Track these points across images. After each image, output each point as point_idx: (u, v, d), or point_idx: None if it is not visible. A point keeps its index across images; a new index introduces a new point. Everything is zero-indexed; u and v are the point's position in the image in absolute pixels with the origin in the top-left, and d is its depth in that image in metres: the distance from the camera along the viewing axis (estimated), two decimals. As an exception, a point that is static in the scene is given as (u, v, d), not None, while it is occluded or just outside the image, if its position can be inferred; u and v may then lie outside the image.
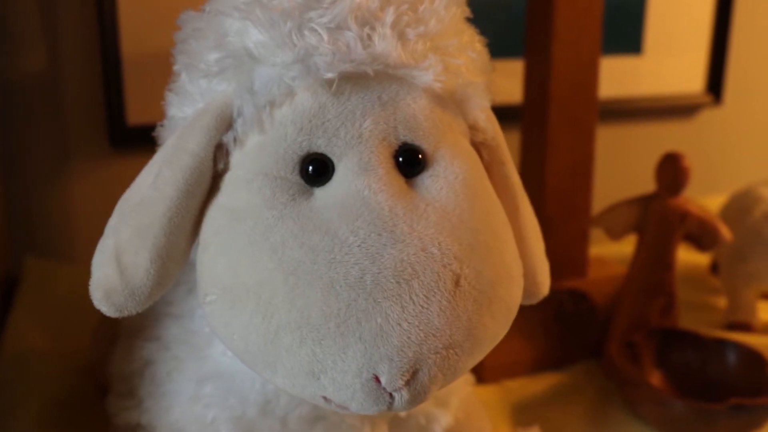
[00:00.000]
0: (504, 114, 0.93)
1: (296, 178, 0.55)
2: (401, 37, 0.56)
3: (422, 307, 0.50)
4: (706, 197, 1.50)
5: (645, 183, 1.49)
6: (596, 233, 1.16)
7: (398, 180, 0.54)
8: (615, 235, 1.04)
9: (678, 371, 0.95)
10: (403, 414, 0.69)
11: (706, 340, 1.00)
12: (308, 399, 0.54)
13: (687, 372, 0.99)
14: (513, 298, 0.55)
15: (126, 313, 0.56)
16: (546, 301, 1.02)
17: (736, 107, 1.51)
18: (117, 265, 0.55)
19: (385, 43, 0.54)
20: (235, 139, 0.56)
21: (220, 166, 0.57)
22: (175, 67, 0.61)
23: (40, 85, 1.12)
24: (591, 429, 0.93)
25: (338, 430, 0.67)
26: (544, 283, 0.64)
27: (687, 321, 1.17)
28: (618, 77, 1.44)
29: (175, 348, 0.69)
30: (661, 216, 1.01)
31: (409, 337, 0.49)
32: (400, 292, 0.50)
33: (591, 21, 0.99)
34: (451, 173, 0.55)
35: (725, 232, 1.02)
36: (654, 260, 1.02)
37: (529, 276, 0.63)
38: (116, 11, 1.10)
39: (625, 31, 1.44)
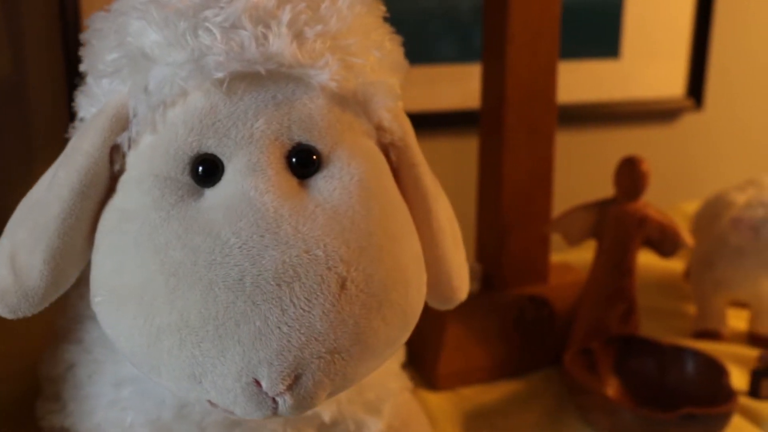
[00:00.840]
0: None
1: (186, 178, 0.54)
2: (298, 36, 0.55)
3: (303, 310, 0.49)
4: (687, 202, 1.48)
5: None
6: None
7: (289, 181, 0.53)
8: (572, 240, 1.02)
9: (636, 379, 0.93)
10: (327, 419, 0.68)
11: (665, 348, 0.98)
12: (195, 403, 0.53)
13: (645, 380, 0.96)
14: (409, 302, 0.54)
15: (20, 315, 0.55)
16: (505, 307, 1.02)
17: (717, 111, 1.49)
18: (11, 266, 0.55)
19: (279, 42, 0.54)
20: (129, 140, 0.56)
21: (117, 167, 0.56)
22: (81, 68, 0.60)
23: (4, 90, 1.12)
24: (543, 437, 0.91)
25: (258, 435, 0.66)
26: (461, 288, 0.63)
27: (658, 328, 1.15)
28: (595, 81, 1.42)
29: (95, 351, 0.68)
30: (618, 221, 0.98)
31: (289, 341, 0.49)
32: (281, 294, 0.49)
33: (548, 23, 0.98)
34: (346, 174, 0.54)
35: (686, 238, 1.01)
36: (612, 266, 0.99)
37: (444, 281, 0.62)
38: (79, 15, 1.10)
39: (601, 35, 1.42)
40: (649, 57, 1.45)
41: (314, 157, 0.54)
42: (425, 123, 1.31)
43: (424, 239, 0.60)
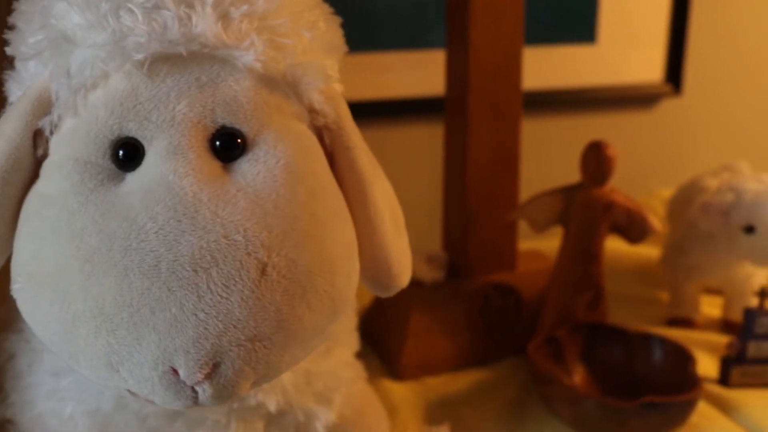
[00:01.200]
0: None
1: (107, 163, 0.52)
2: (224, 16, 0.53)
3: (221, 296, 0.47)
4: (666, 188, 1.46)
5: None
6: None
7: (211, 165, 0.52)
8: (538, 227, 1.00)
9: (603, 367, 0.91)
10: (273, 409, 0.67)
11: (633, 336, 0.96)
12: (115, 392, 0.51)
13: (612, 368, 0.91)
14: (337, 288, 0.52)
15: None
16: (471, 295, 1.01)
17: (695, 97, 1.47)
18: (-65, 254, 0.53)
19: (203, 23, 0.52)
20: (52, 124, 0.54)
21: (40, 152, 0.55)
22: (8, 51, 0.59)
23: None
24: (505, 426, 0.90)
25: (201, 426, 0.65)
26: (401, 275, 0.61)
27: (631, 315, 1.13)
28: (572, 67, 1.41)
29: (33, 340, 0.67)
30: (585, 207, 0.95)
31: (206, 328, 0.47)
32: (197, 280, 0.47)
33: (511, 5, 0.96)
34: (272, 157, 0.53)
35: (655, 223, 0.99)
36: (579, 253, 0.96)
37: (382, 267, 0.60)
38: None
39: (578, 20, 1.39)
40: (627, 42, 1.43)
41: (239, 140, 0.52)
42: (420, 108, 1.30)
43: (360, 225, 0.58)
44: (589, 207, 0.97)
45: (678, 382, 0.88)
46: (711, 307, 1.17)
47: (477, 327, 0.97)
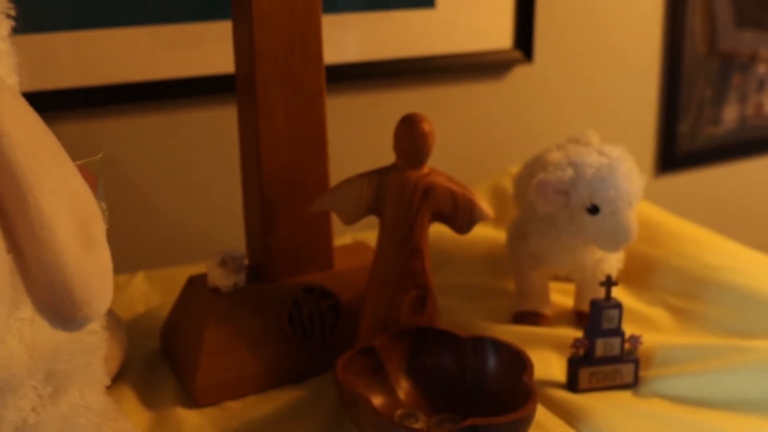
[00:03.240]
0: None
1: None
2: None
3: None
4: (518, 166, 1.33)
5: (455, 154, 1.34)
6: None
7: None
8: (347, 218, 0.85)
9: (432, 379, 0.82)
10: None
11: (464, 341, 0.83)
12: None
13: (442, 379, 0.82)
14: None
15: None
16: (277, 301, 0.85)
17: (548, 64, 1.40)
18: None
19: None
20: None
21: None
22: None
23: None
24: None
25: None
26: (90, 303, 0.45)
27: (477, 311, 1.02)
28: (411, 34, 1.26)
29: None
30: (400, 192, 0.83)
31: None
32: None
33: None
34: None
35: (484, 209, 0.85)
36: (398, 246, 0.83)
37: (58, 292, 0.44)
38: None
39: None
40: (469, 7, 1.29)
41: None
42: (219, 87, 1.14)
43: (23, 237, 0.42)
44: (404, 192, 0.83)
45: (514, 392, 0.77)
46: (566, 296, 1.05)
47: (287, 338, 0.86)
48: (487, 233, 1.16)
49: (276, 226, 0.87)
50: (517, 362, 0.79)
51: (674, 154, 1.60)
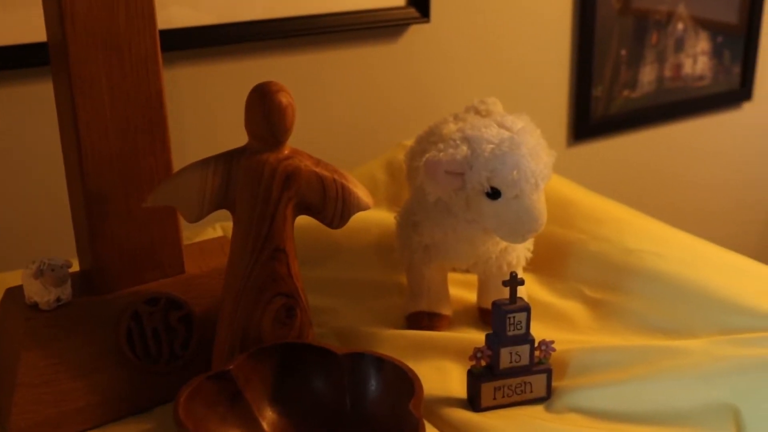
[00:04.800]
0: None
1: None
2: None
3: None
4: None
5: (345, 127, 1.25)
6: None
7: None
8: (190, 214, 0.70)
9: (303, 405, 0.70)
10: None
11: (340, 358, 0.72)
12: None
13: (315, 405, 0.71)
14: None
15: None
16: (113, 316, 0.74)
17: (446, 23, 1.30)
18: None
19: None
20: None
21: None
22: None
23: None
24: None
25: None
26: None
27: (369, 313, 0.90)
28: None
29: None
30: (255, 179, 0.69)
31: None
32: None
33: None
34: None
35: (362, 197, 0.71)
36: (256, 246, 0.70)
37: None
38: None
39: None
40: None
41: None
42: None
43: None
44: (260, 180, 0.70)
45: (400, 421, 0.65)
46: (469, 290, 0.93)
47: (126, 361, 0.74)
48: (381, 217, 1.03)
49: (106, 225, 0.71)
50: (404, 384, 0.68)
51: (588, 120, 1.52)
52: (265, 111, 0.67)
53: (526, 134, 0.74)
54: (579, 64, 1.48)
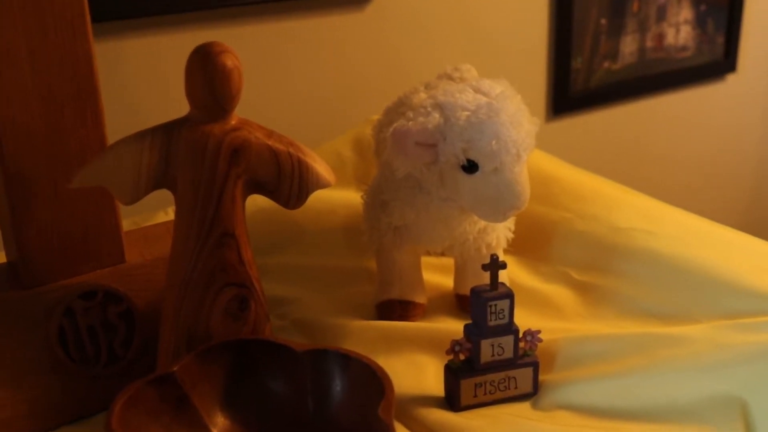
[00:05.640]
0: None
1: None
2: None
3: None
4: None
5: (310, 101, 1.19)
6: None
7: None
8: (124, 195, 0.62)
9: (259, 409, 0.64)
10: None
11: (301, 355, 0.64)
12: None
13: (274, 408, 0.64)
14: None
15: None
16: (43, 312, 0.67)
17: None
18: None
19: None
20: None
21: None
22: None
23: None
24: None
25: None
26: None
27: (338, 301, 0.83)
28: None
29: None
30: (197, 154, 0.62)
31: None
32: None
33: None
34: None
35: (322, 173, 0.65)
36: (201, 231, 0.63)
37: None
38: None
39: None
40: None
41: None
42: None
43: None
44: (203, 155, 0.62)
45: (368, 425, 0.59)
46: (445, 274, 0.87)
47: (58, 364, 0.67)
48: (348, 197, 0.98)
49: (31, 210, 0.64)
50: (372, 384, 0.61)
51: (568, 93, 1.48)
52: (208, 75, 0.60)
53: (506, 100, 0.67)
54: (557, 34, 1.43)
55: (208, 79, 0.59)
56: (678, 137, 1.66)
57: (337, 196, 0.97)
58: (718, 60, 1.66)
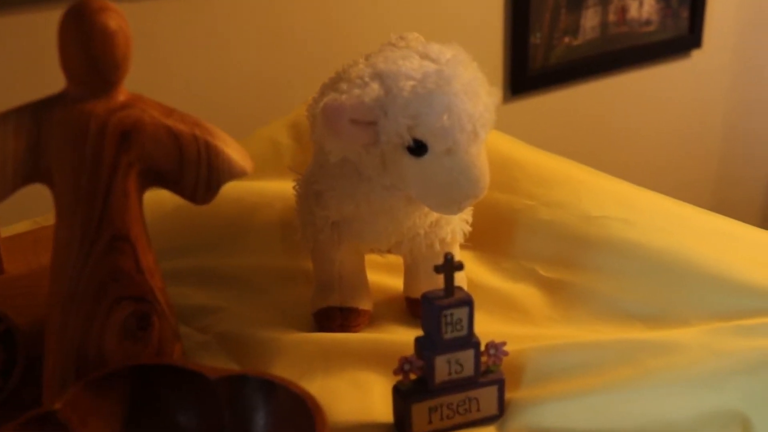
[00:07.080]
0: None
1: None
2: None
3: None
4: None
5: (245, 78, 1.13)
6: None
7: None
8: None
9: None
10: None
11: (214, 383, 0.55)
12: None
13: None
14: None
15: None
16: None
17: None
18: None
19: None
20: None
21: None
22: None
23: None
24: None
25: None
26: None
27: (265, 312, 0.74)
28: None
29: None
30: (76, 139, 0.51)
31: None
32: None
33: None
34: None
35: (236, 160, 0.56)
36: (86, 234, 0.53)
37: None
38: None
39: None
40: None
41: None
42: None
43: None
44: (84, 139, 0.52)
45: None
46: (393, 274, 0.79)
47: None
48: (285, 189, 0.88)
49: None
50: (302, 417, 0.52)
51: (526, 71, 1.43)
52: (84, 40, 0.50)
53: (459, 66, 0.58)
54: (514, 7, 1.38)
55: (85, 43, 0.49)
56: (642, 115, 1.63)
57: (274, 188, 0.88)
58: (683, 35, 1.62)
